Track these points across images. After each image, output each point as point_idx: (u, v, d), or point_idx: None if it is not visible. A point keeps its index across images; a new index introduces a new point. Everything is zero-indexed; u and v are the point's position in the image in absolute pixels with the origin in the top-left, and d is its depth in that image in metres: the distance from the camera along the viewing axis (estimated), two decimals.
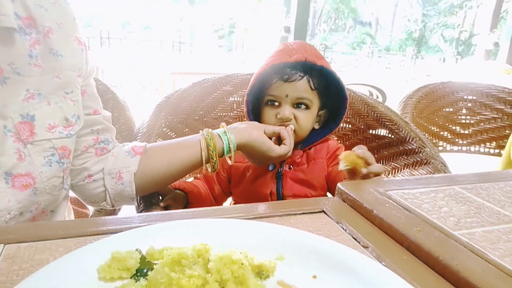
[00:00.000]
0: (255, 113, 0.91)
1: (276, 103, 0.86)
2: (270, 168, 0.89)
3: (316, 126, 0.91)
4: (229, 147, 0.75)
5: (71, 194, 0.96)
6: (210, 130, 0.77)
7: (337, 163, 0.68)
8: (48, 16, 0.62)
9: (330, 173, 0.88)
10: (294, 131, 0.85)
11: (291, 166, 0.89)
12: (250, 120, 0.91)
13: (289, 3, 6.09)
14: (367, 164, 0.66)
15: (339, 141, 1.18)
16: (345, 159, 0.65)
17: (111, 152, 0.75)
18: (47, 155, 0.62)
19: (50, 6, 0.63)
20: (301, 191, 0.87)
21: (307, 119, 0.86)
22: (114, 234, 0.41)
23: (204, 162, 0.75)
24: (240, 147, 0.78)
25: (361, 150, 0.67)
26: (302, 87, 0.83)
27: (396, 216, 0.51)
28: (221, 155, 0.77)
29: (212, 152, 0.73)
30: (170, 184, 0.84)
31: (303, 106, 0.85)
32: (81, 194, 0.75)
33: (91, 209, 1.11)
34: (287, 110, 0.84)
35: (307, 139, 0.91)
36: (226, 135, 0.76)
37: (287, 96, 0.83)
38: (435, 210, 0.54)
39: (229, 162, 0.78)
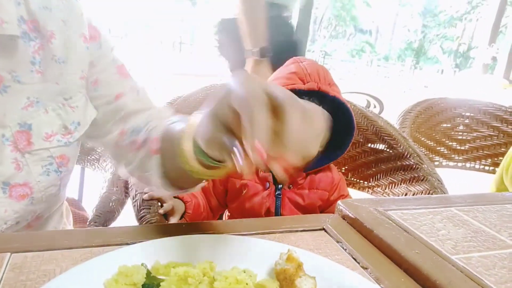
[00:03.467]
0: None
1: None
2: (267, 186, 0.89)
3: (320, 149, 0.90)
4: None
5: (69, 194, 0.96)
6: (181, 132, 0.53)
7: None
8: (52, 16, 0.59)
9: (326, 205, 0.89)
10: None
11: (291, 186, 0.90)
12: None
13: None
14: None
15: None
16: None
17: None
18: (45, 164, 0.60)
19: (56, 3, 0.60)
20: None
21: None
22: (120, 248, 0.42)
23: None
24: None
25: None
26: None
27: (395, 237, 0.52)
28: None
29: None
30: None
31: None
32: None
33: (88, 211, 1.11)
34: None
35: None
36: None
37: None
38: (433, 232, 0.55)
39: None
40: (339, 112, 0.87)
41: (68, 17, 0.60)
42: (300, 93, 0.82)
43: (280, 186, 0.89)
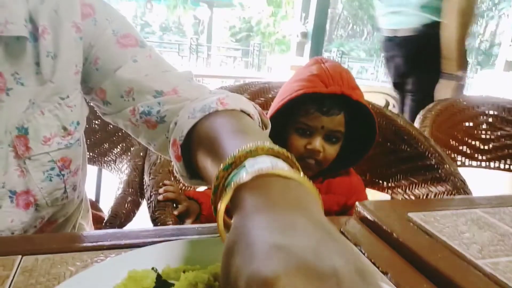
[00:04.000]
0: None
1: (308, 132, 0.83)
2: None
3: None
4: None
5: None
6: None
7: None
8: (43, 8, 0.54)
9: (343, 210, 0.87)
10: (318, 161, 0.82)
11: None
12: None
13: (307, 9, 6.09)
14: None
15: None
16: None
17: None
18: (47, 170, 0.57)
19: None
20: None
21: (335, 152, 0.84)
22: (130, 251, 0.41)
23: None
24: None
25: None
26: (339, 121, 0.81)
27: (417, 241, 0.50)
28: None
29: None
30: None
31: (334, 139, 0.83)
32: None
33: (105, 212, 1.12)
34: (318, 142, 0.81)
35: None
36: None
37: (322, 127, 0.81)
38: (457, 235, 0.53)
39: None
40: (361, 116, 0.84)
41: (59, 5, 0.55)
42: (325, 99, 0.80)
43: None
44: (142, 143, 0.63)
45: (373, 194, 1.05)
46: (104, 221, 0.88)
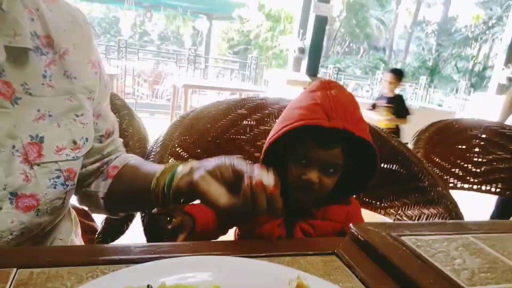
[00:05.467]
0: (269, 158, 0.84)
1: (304, 162, 0.80)
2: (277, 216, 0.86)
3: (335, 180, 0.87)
4: (168, 190, 0.60)
5: (78, 205, 0.96)
6: (169, 165, 0.64)
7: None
8: (65, 36, 0.62)
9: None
10: (315, 191, 0.80)
11: (303, 215, 0.87)
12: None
13: (305, 25, 6.17)
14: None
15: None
16: None
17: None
18: (53, 177, 0.61)
19: (68, 25, 0.63)
20: None
21: (332, 183, 0.82)
22: (126, 268, 0.41)
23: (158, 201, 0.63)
24: (182, 194, 0.60)
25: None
26: (336, 154, 0.78)
27: (409, 265, 0.51)
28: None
29: (155, 187, 0.61)
30: (139, 210, 0.84)
31: (331, 170, 0.80)
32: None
33: (98, 222, 1.11)
34: (314, 174, 0.78)
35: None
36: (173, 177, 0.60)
37: (318, 159, 0.78)
38: (449, 261, 0.53)
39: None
40: (362, 147, 0.81)
41: (78, 41, 0.64)
42: (324, 132, 0.77)
43: (289, 219, 0.86)
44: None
45: (366, 215, 1.05)
46: (97, 233, 0.88)
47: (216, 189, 0.54)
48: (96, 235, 0.88)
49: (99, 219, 1.07)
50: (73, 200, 0.75)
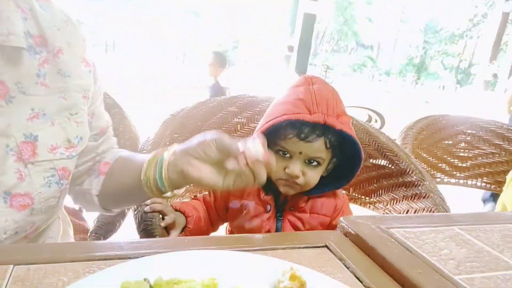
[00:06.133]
0: None
1: (288, 155, 0.82)
2: (268, 209, 0.88)
3: (324, 174, 0.89)
4: (161, 181, 0.59)
5: (70, 205, 0.96)
6: (153, 155, 0.63)
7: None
8: (59, 35, 0.62)
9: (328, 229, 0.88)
10: (300, 184, 0.82)
11: (292, 208, 0.88)
12: None
13: (294, 23, 6.20)
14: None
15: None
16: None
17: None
18: (47, 176, 0.61)
19: (62, 24, 0.63)
20: None
21: (316, 176, 0.83)
22: (123, 262, 0.42)
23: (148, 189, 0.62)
24: (176, 183, 0.59)
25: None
26: (318, 146, 0.80)
27: (398, 256, 0.52)
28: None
29: (147, 182, 0.61)
30: (135, 203, 0.82)
31: (314, 163, 0.82)
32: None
33: (89, 222, 1.11)
34: (297, 167, 0.80)
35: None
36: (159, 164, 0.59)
37: (300, 153, 0.81)
38: (436, 251, 0.55)
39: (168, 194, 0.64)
40: (345, 142, 0.84)
41: (72, 40, 0.64)
42: (305, 126, 0.79)
43: (279, 212, 0.88)
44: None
45: (355, 209, 1.07)
46: (90, 231, 0.88)
47: (207, 173, 0.54)
48: (89, 234, 0.88)
49: (89, 219, 1.07)
50: (67, 201, 0.75)
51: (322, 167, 0.84)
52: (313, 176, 0.83)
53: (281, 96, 0.88)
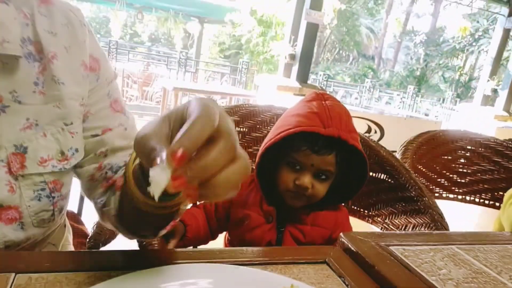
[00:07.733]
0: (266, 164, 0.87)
1: (298, 167, 0.83)
2: (269, 220, 0.88)
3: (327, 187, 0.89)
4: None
5: (68, 208, 0.96)
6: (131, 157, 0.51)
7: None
8: (55, 41, 0.58)
9: (327, 244, 0.87)
10: (307, 196, 0.83)
11: (294, 219, 0.89)
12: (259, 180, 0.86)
13: (296, 31, 6.23)
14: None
15: None
16: None
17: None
18: (37, 189, 0.58)
19: (60, 28, 0.59)
20: None
21: (324, 189, 0.84)
22: (124, 275, 0.42)
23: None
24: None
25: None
26: (330, 160, 0.82)
27: (397, 275, 0.53)
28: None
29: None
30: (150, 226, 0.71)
31: (323, 176, 0.83)
32: None
33: (88, 227, 1.11)
34: (307, 179, 0.81)
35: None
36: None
37: (312, 165, 0.82)
38: (435, 271, 0.56)
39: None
40: (354, 156, 0.85)
41: (71, 44, 0.60)
42: (319, 139, 0.80)
43: (281, 225, 0.88)
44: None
45: (353, 222, 1.08)
46: (88, 237, 0.87)
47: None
48: (88, 239, 0.88)
49: (89, 223, 1.07)
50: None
51: (329, 181, 0.85)
52: (321, 189, 0.84)
53: (293, 109, 0.89)
